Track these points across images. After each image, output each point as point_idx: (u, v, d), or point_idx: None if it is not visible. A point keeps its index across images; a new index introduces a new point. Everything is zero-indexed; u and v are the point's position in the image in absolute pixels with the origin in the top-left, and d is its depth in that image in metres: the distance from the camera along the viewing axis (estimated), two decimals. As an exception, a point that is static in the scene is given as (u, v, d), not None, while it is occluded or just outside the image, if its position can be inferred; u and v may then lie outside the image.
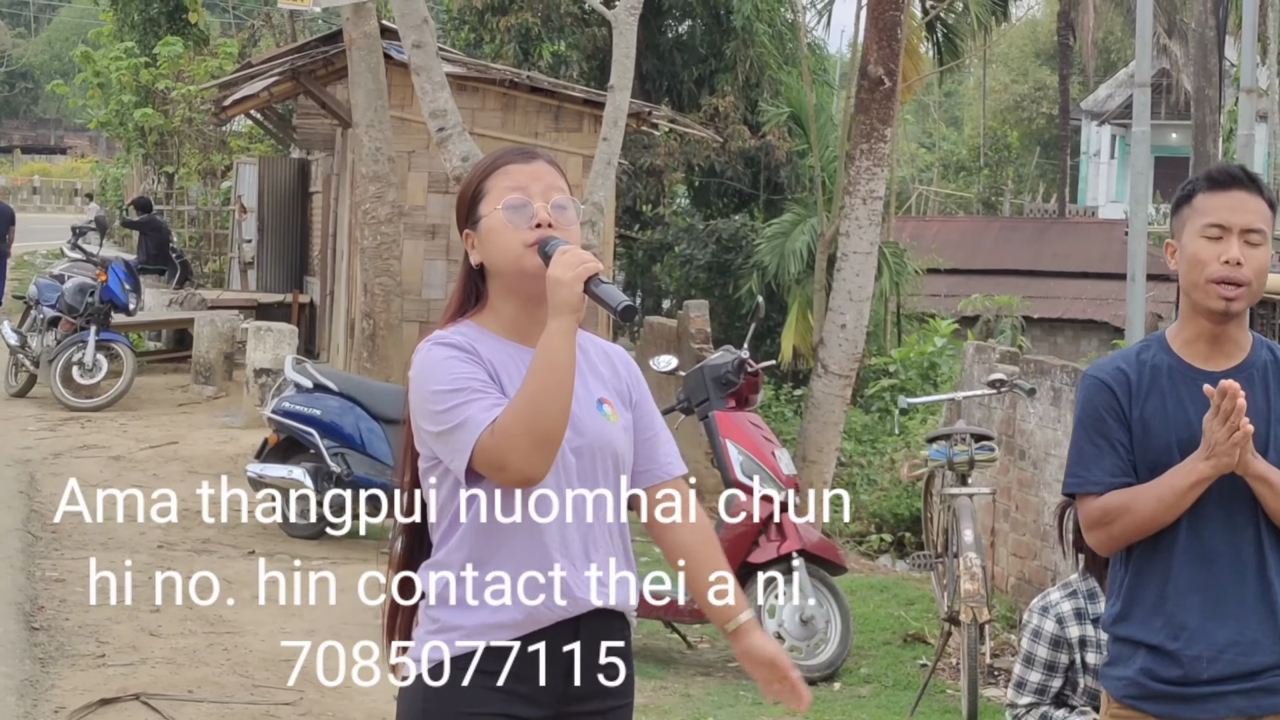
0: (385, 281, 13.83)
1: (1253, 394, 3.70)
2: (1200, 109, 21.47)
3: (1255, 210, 3.71)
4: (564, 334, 3.18)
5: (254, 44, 32.26)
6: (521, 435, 3.14)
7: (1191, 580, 3.74)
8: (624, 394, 3.45)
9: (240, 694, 7.37)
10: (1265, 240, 3.71)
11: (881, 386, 21.68)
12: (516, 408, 3.16)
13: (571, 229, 3.33)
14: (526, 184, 3.33)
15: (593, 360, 3.44)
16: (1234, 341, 3.76)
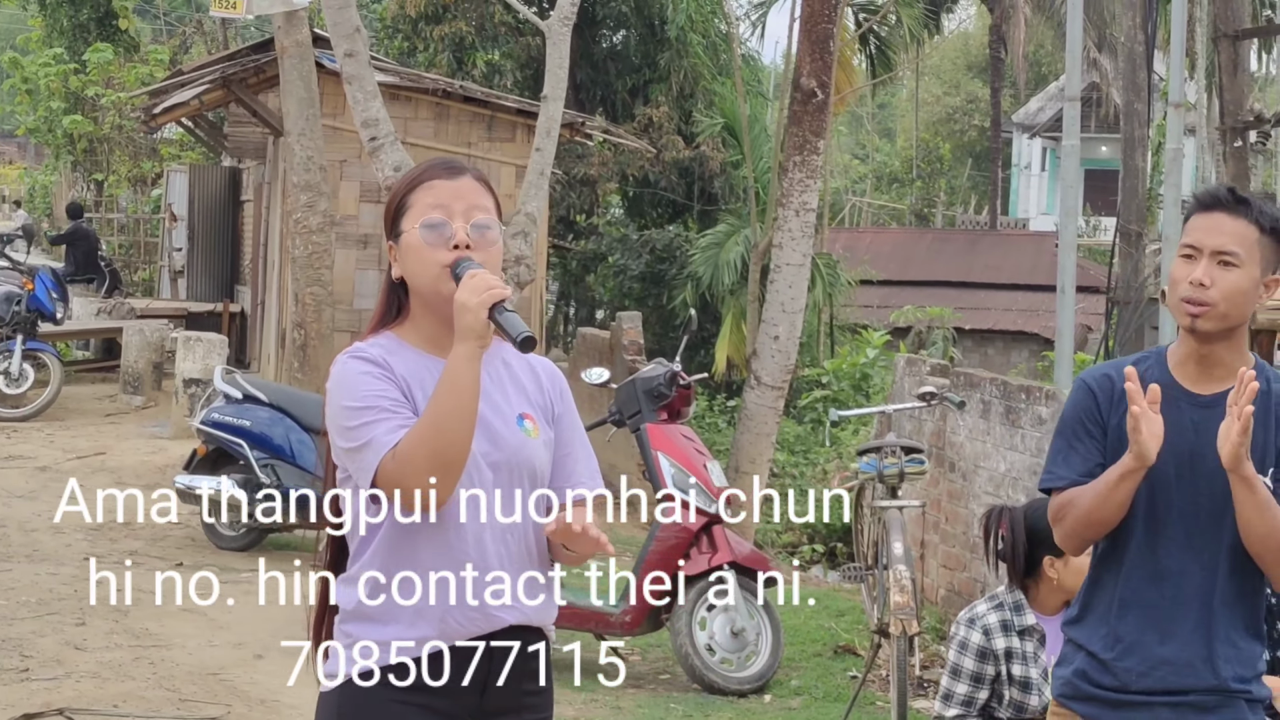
0: (317, 291, 13.74)
1: None
2: (1129, 123, 21.64)
3: (1231, 233, 3.71)
4: (468, 360, 3.17)
5: (185, 51, 32.05)
6: (422, 461, 3.14)
7: (1137, 595, 3.79)
8: (547, 408, 3.43)
9: (166, 708, 7.29)
10: (1243, 263, 3.70)
11: (814, 397, 21.73)
12: (418, 433, 3.15)
13: (492, 249, 3.32)
14: (448, 202, 3.32)
15: (516, 373, 3.42)
16: (1225, 365, 3.76)
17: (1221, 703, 3.76)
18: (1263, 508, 3.65)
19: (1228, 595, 3.76)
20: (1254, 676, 3.79)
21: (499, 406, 3.33)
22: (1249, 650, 3.79)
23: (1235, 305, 3.71)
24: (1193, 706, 3.76)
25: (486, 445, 3.27)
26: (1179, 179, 14.76)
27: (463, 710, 3.30)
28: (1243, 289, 3.70)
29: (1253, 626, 3.80)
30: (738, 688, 8.46)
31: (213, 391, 11.56)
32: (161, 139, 28.78)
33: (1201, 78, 26.76)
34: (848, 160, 52.79)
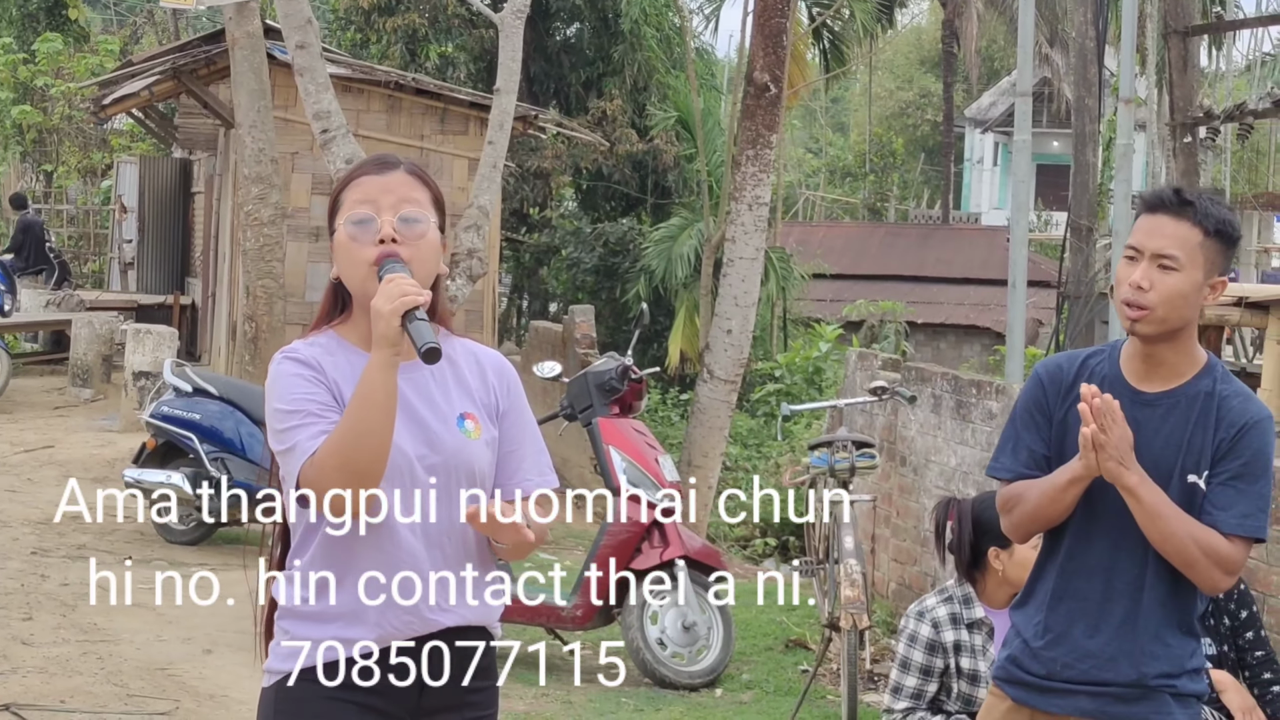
0: (268, 284, 13.67)
1: (1173, 421, 3.76)
2: (1080, 118, 21.73)
3: (1172, 235, 3.71)
4: (382, 368, 3.13)
5: (136, 41, 31.81)
6: (334, 470, 3.11)
7: (1070, 588, 3.84)
8: (492, 406, 3.39)
9: (114, 704, 7.25)
10: (1182, 266, 3.70)
11: (767, 391, 21.76)
12: (331, 444, 3.13)
13: (421, 243, 3.27)
14: (376, 196, 3.28)
15: (461, 371, 3.38)
16: (1169, 365, 3.79)
17: (1142, 695, 3.80)
18: (1151, 516, 3.69)
19: (1157, 592, 3.79)
20: (1183, 673, 3.82)
21: (439, 407, 3.30)
22: (1179, 647, 3.82)
23: (1174, 309, 3.72)
24: (1112, 697, 3.81)
25: (424, 449, 3.25)
26: (1129, 174, 14.83)
27: (401, 709, 3.29)
28: (1182, 293, 3.71)
29: (1185, 624, 3.83)
30: (689, 682, 8.46)
31: (162, 385, 11.49)
32: (111, 130, 28.56)
33: (1152, 74, 26.90)
34: (801, 154, 52.87)
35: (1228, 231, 3.75)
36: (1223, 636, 5.36)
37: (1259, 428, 3.75)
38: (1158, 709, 3.81)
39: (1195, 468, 3.74)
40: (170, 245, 24.57)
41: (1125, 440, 3.66)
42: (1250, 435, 3.73)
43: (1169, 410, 3.76)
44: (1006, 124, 42.76)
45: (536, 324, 19.40)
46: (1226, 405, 3.75)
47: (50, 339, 21.76)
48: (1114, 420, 3.65)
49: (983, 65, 48.79)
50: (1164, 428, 3.75)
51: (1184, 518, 3.70)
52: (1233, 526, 3.70)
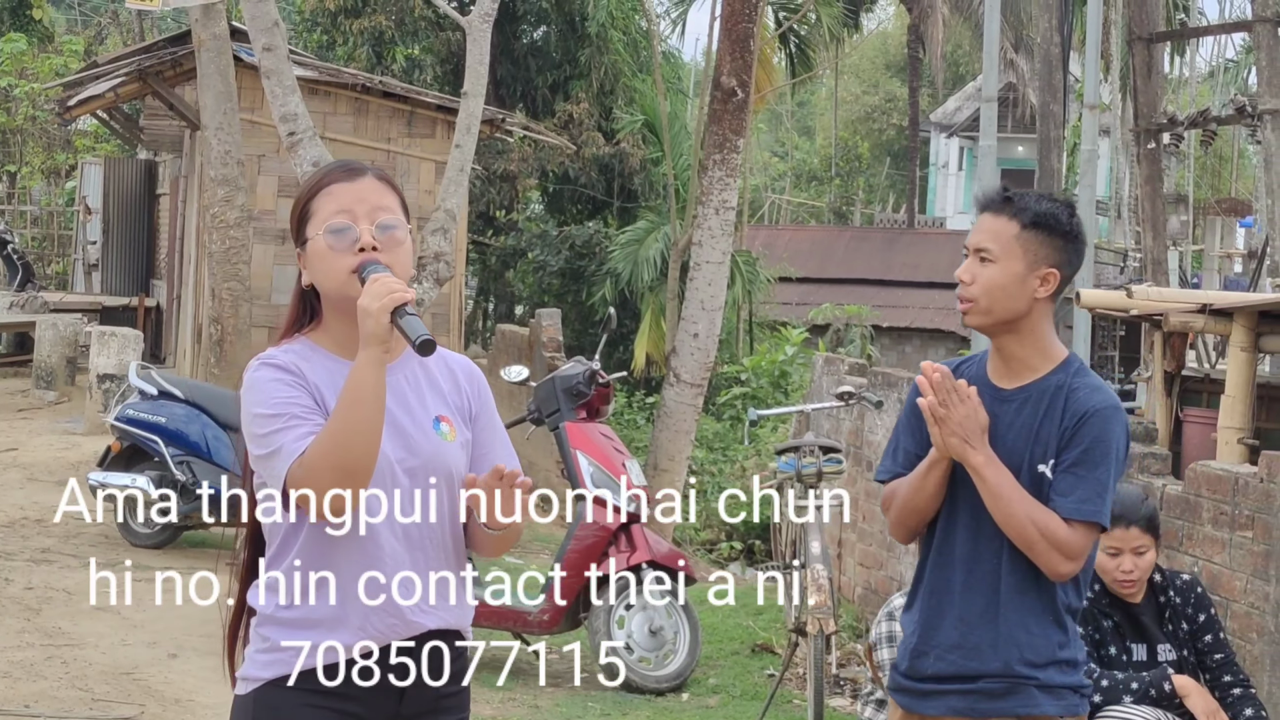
0: (234, 286, 13.64)
1: (1025, 415, 3.87)
2: (1045, 123, 21.81)
3: (989, 230, 3.87)
4: (371, 365, 3.16)
5: (101, 42, 31.69)
6: (326, 470, 3.12)
7: (937, 583, 3.94)
8: (465, 409, 3.42)
9: (79, 709, 7.22)
10: (998, 258, 3.85)
11: (733, 395, 21.81)
12: (321, 443, 3.14)
13: (399, 249, 3.30)
14: (351, 205, 3.30)
15: (434, 375, 3.41)
16: (1020, 360, 3.90)
17: (1010, 689, 3.85)
18: (994, 496, 3.80)
19: (1016, 581, 3.85)
20: (1050, 663, 3.86)
21: (414, 411, 3.32)
22: (1043, 636, 3.86)
23: (995, 300, 3.85)
24: (982, 693, 3.86)
25: (402, 451, 3.27)
26: (1094, 180, 14.93)
27: (379, 713, 3.30)
28: (999, 283, 3.84)
29: (1049, 612, 3.87)
30: (655, 686, 8.48)
31: (127, 387, 11.44)
32: (76, 131, 28.44)
33: (1116, 80, 27.05)
34: (767, 158, 52.97)
35: (1047, 223, 3.87)
36: (1181, 641, 5.40)
37: (1100, 415, 3.83)
38: (1024, 702, 3.84)
39: (1043, 457, 3.84)
40: (135, 247, 24.48)
41: (971, 420, 3.78)
42: (1091, 422, 3.82)
43: (1022, 404, 3.87)
44: (972, 129, 42.93)
45: (503, 327, 19.39)
46: (1074, 396, 3.85)
47: (14, 341, 21.65)
48: (960, 399, 3.78)
49: (948, 70, 48.96)
50: (1017, 421, 3.86)
51: (1026, 500, 3.80)
52: (1070, 511, 3.79)
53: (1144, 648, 5.38)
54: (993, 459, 3.81)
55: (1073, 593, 3.90)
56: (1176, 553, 7.05)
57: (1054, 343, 3.94)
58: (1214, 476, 6.91)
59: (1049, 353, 3.91)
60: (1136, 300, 9.18)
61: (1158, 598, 5.42)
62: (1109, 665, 5.33)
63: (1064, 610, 3.88)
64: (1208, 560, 6.87)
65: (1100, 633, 5.37)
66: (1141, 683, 5.23)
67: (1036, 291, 3.86)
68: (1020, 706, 3.84)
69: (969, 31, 42.44)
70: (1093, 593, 5.40)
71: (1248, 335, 8.15)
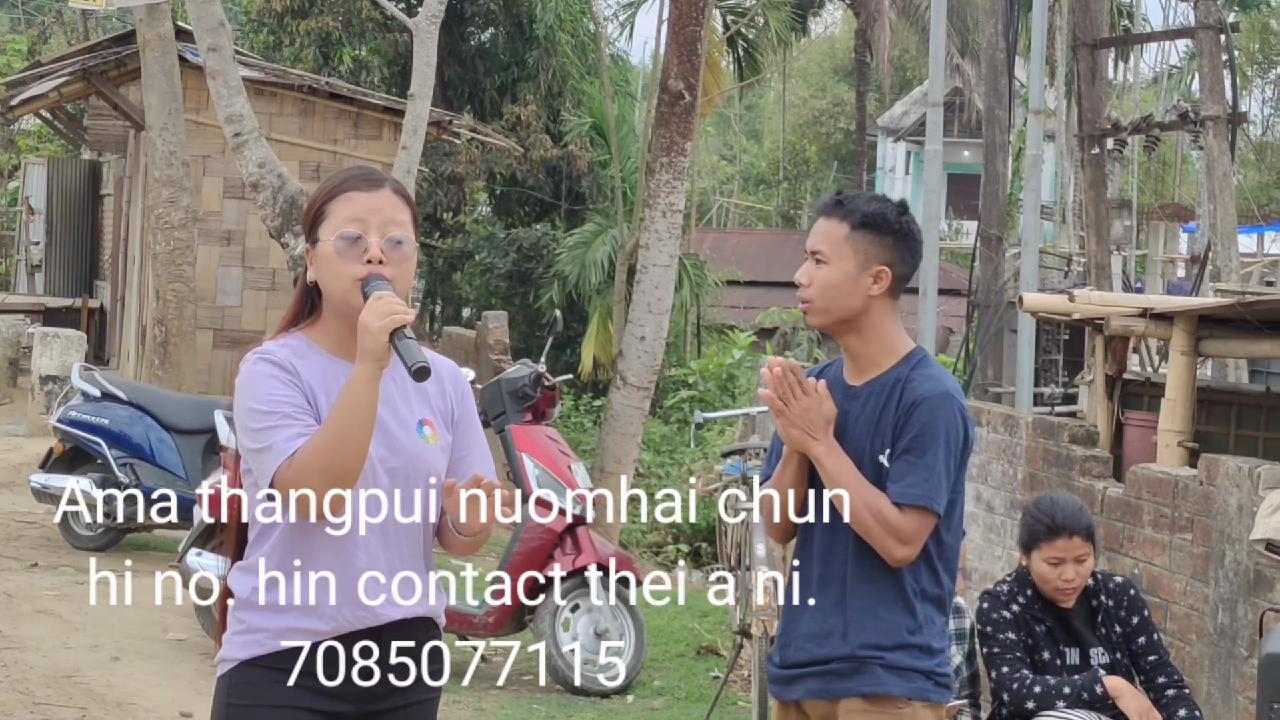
0: (178, 288, 13.59)
1: (869, 409, 3.99)
2: (991, 128, 21.94)
3: (822, 233, 4.02)
4: (366, 380, 3.27)
5: (44, 41, 31.43)
6: (315, 473, 3.24)
7: (802, 575, 4.07)
8: (448, 413, 3.52)
9: (20, 712, 7.17)
10: (829, 259, 3.99)
11: (680, 398, 21.83)
12: (313, 447, 3.26)
13: (405, 265, 3.40)
14: (365, 215, 3.38)
15: None
16: (865, 357, 4.03)
17: (856, 669, 3.95)
18: (833, 483, 3.93)
19: (861, 570, 3.95)
20: (898, 646, 3.94)
21: (400, 413, 3.43)
22: (892, 621, 3.95)
23: (830, 298, 4.00)
24: (832, 674, 3.97)
25: (385, 451, 3.37)
26: (1039, 184, 15.03)
27: (351, 694, 3.39)
28: (832, 282, 3.99)
29: (898, 599, 3.96)
30: (601, 688, 8.48)
31: (70, 389, 11.37)
32: (19, 131, 28.23)
33: (1061, 85, 27.22)
34: (715, 161, 53.04)
35: (874, 222, 4.02)
36: (1115, 644, 5.44)
37: (929, 402, 3.93)
38: (869, 681, 3.94)
39: (882, 448, 3.96)
40: (79, 248, 24.32)
41: (813, 412, 3.93)
42: (920, 410, 3.93)
43: (867, 399, 4.00)
44: (918, 133, 43.09)
45: (450, 329, 19.36)
46: (909, 386, 3.97)
47: (-45, 342, 21.46)
48: (803, 391, 3.93)
49: (895, 75, 49.14)
50: (862, 415, 3.99)
51: (864, 487, 3.92)
52: (898, 495, 3.90)
53: (1077, 651, 5.42)
54: (833, 449, 3.94)
55: (927, 579, 3.99)
56: (1117, 555, 7.11)
57: (897, 338, 4.06)
58: (1154, 479, 6.97)
59: (892, 348, 4.03)
60: (1079, 304, 9.24)
61: (1090, 601, 5.46)
62: (1042, 670, 5.37)
63: (915, 596, 3.97)
64: (1148, 562, 6.92)
65: (1033, 638, 5.41)
66: (1074, 686, 5.27)
67: (870, 290, 3.99)
68: (866, 685, 3.94)
69: (916, 37, 42.63)
70: (1025, 599, 5.45)
71: (1188, 339, 8.21)
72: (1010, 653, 5.37)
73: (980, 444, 8.71)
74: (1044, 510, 5.47)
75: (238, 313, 16.56)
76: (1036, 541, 5.40)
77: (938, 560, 3.98)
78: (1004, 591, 5.49)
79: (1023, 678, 5.31)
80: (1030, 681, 5.28)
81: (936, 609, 4.00)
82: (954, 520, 4.02)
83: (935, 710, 4.00)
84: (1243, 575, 6.17)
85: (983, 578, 8.57)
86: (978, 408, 9.11)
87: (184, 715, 7.25)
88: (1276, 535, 5.87)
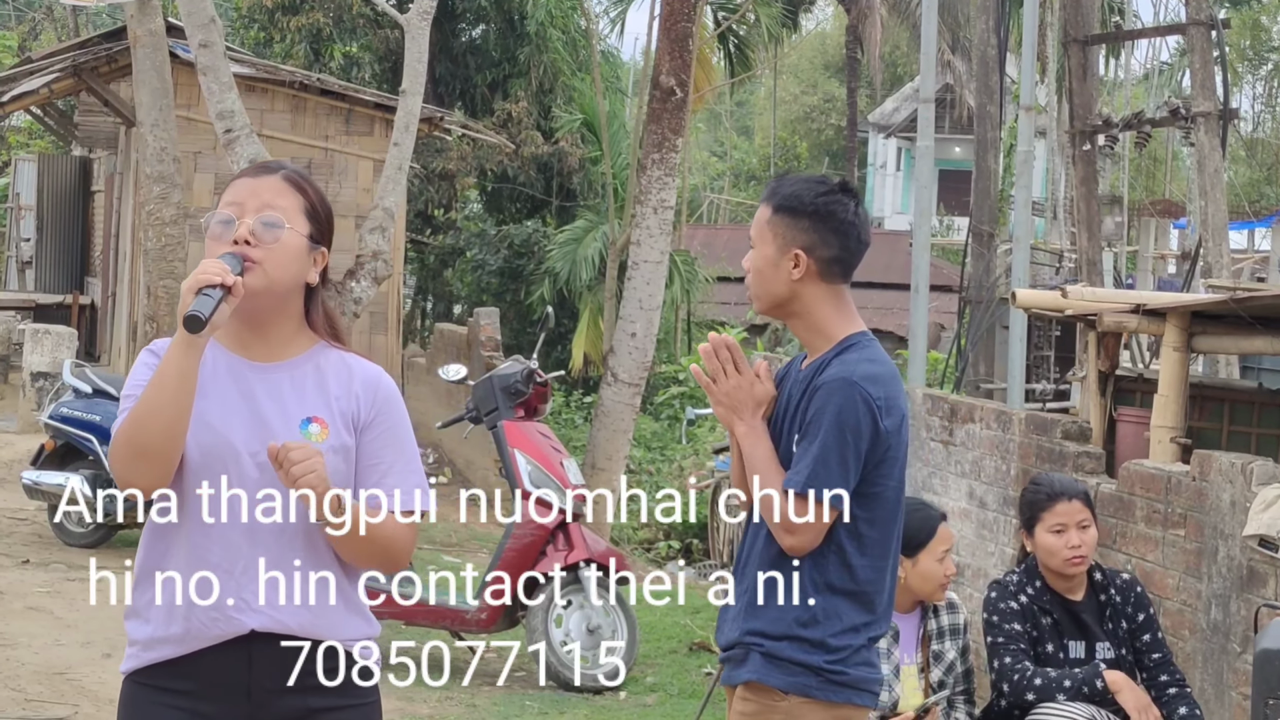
0: (169, 284, 13.53)
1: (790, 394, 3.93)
2: (982, 125, 21.94)
3: (755, 219, 3.98)
4: (178, 348, 3.19)
5: (34, 37, 31.40)
6: (123, 446, 3.20)
7: (734, 561, 4.05)
8: (351, 415, 3.37)
9: (11, 709, 7.16)
10: (756, 243, 3.96)
11: (671, 394, 21.83)
12: (124, 422, 3.21)
13: (276, 246, 3.30)
14: (244, 199, 3.35)
15: (325, 377, 3.38)
16: (807, 343, 3.99)
17: (743, 656, 3.89)
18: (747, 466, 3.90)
19: (767, 558, 3.88)
20: (785, 637, 3.80)
21: (287, 409, 3.31)
22: (780, 611, 3.81)
23: (757, 284, 3.98)
24: (730, 660, 3.95)
25: (257, 445, 3.26)
26: (1030, 181, 15.02)
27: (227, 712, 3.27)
28: (757, 268, 3.97)
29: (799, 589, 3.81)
30: (593, 685, 8.48)
31: (61, 385, 11.36)
32: (9, 127, 28.19)
33: (1052, 81, 27.22)
34: (706, 157, 53.02)
35: (790, 205, 3.92)
36: (1121, 640, 5.45)
37: (825, 389, 3.83)
38: (751, 669, 3.85)
39: (793, 433, 3.91)
40: (69, 244, 24.29)
41: (741, 391, 3.90)
42: (816, 396, 3.85)
43: (795, 384, 3.94)
44: (909, 129, 43.12)
45: (441, 326, 19.34)
46: (821, 372, 3.89)
47: (-55, 339, 21.44)
48: (737, 370, 3.90)
49: (886, 71, 49.18)
50: (789, 400, 3.93)
51: (770, 472, 3.84)
52: (786, 481, 3.82)
53: (1082, 645, 5.42)
54: (754, 430, 3.90)
55: (835, 571, 3.82)
56: (1111, 551, 7.11)
57: (835, 323, 3.93)
58: (1147, 475, 6.97)
59: (827, 333, 3.93)
60: (1071, 300, 9.25)
61: (1098, 596, 5.47)
62: (1045, 663, 5.37)
63: (815, 588, 3.81)
64: (1141, 558, 6.93)
65: (1039, 630, 5.41)
66: (1075, 680, 5.27)
67: (791, 274, 3.90)
68: (748, 673, 3.86)
69: (907, 33, 42.64)
70: (1034, 590, 5.45)
71: (1181, 335, 8.22)
72: (1014, 644, 5.37)
73: (973, 440, 8.72)
74: (1041, 483, 5.62)
75: (229, 309, 16.54)
76: (1038, 513, 5.45)
77: (853, 553, 3.81)
78: (1013, 582, 5.50)
79: (1024, 669, 5.31)
80: (1031, 673, 5.29)
81: (849, 603, 3.82)
82: (877, 513, 3.83)
83: (826, 709, 3.82)
84: (1235, 571, 6.18)
85: (975, 574, 8.58)
86: (970, 404, 9.11)
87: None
88: (1269, 531, 5.87)
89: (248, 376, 3.31)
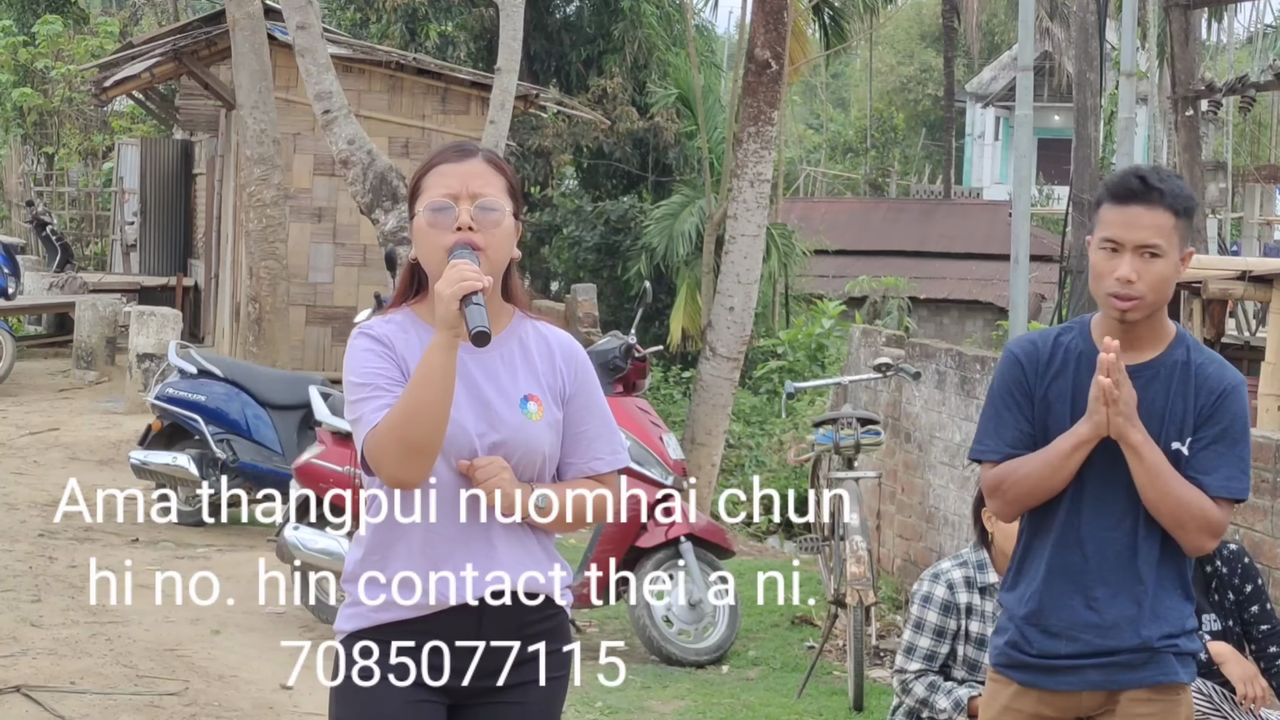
0: (271, 265, 13.69)
1: (1153, 391, 3.81)
2: (1082, 92, 21.68)
3: (1150, 225, 3.76)
4: (442, 349, 3.28)
5: (135, 23, 31.78)
6: (392, 444, 3.27)
7: (1064, 563, 3.88)
8: (558, 389, 3.50)
9: (124, 685, 7.27)
10: (1165, 252, 3.77)
11: (770, 368, 21.80)
12: (391, 417, 3.28)
13: (496, 231, 3.41)
14: (455, 185, 3.41)
15: (530, 353, 3.50)
16: (1144, 339, 3.84)
17: (1148, 660, 3.85)
18: (1152, 475, 3.76)
19: (1150, 557, 3.84)
20: (1182, 633, 3.88)
21: (504, 388, 3.43)
22: (1176, 609, 3.87)
23: (1161, 293, 3.81)
24: (1119, 665, 3.86)
25: (485, 427, 3.38)
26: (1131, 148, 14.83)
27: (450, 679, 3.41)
28: (1166, 277, 3.79)
29: (1180, 586, 3.89)
30: (695, 659, 8.48)
31: (167, 366, 11.51)
32: (112, 112, 28.53)
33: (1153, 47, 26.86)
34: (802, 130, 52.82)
35: (1192, 208, 3.85)
36: (1228, 611, 5.38)
37: (1236, 393, 3.83)
38: (1163, 670, 3.86)
39: (1178, 435, 3.82)
40: (172, 227, 24.58)
41: (1132, 399, 3.75)
42: (1229, 400, 3.82)
43: (1148, 381, 3.82)
44: (1008, 98, 42.70)
45: (539, 303, 19.40)
46: (1203, 373, 3.83)
47: (54, 322, 21.78)
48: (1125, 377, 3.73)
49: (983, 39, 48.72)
50: (1144, 399, 3.80)
51: (1180, 478, 3.78)
52: (1218, 489, 3.78)
53: None
54: (1148, 438, 3.78)
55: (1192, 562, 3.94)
56: (1217, 521, 7.02)
57: (1167, 317, 3.94)
58: (1255, 444, 6.88)
59: (1165, 328, 3.89)
60: (1176, 268, 9.14)
61: (1204, 567, 5.40)
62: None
63: (1189, 580, 3.92)
64: (1249, 528, 6.84)
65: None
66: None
67: (1180, 274, 3.88)
68: (1159, 675, 3.86)
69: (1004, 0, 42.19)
70: None
71: (1288, 302, 8.11)
72: None
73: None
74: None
75: (330, 289, 16.68)
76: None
77: None
78: None
79: None
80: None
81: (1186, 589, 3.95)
82: None
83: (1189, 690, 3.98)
84: (1346, 541, 6.08)
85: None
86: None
87: (284, 687, 7.32)
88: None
89: (461, 357, 3.36)
